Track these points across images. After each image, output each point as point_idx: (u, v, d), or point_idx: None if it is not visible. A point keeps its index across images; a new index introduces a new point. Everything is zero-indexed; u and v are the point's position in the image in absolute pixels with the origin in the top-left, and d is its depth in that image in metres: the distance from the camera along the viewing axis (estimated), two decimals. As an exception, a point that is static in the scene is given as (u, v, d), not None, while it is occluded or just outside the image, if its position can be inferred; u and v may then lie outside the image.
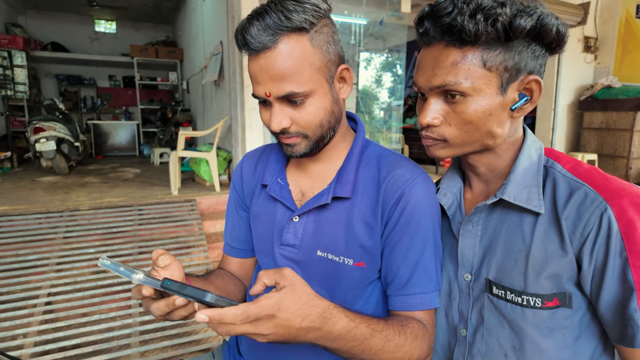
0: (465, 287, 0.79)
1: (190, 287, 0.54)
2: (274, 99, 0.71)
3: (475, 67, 0.66)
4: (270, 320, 0.55)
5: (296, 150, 0.77)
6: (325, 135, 0.78)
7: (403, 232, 0.75)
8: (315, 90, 0.72)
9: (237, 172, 0.98)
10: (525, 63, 0.68)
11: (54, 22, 8.26)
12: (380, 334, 0.65)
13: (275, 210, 0.86)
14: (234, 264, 0.97)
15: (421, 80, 0.72)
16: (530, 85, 0.69)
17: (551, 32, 0.65)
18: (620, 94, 4.49)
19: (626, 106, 4.38)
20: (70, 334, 2.20)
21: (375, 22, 4.87)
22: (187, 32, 7.34)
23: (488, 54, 0.66)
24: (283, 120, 0.73)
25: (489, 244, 0.76)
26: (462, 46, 0.66)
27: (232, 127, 4.33)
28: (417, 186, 0.76)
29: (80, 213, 3.25)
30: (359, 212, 0.78)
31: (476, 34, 0.63)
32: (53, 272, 2.62)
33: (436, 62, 0.69)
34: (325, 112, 0.74)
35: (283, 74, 0.68)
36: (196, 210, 3.56)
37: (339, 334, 0.61)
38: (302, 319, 0.57)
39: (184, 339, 2.25)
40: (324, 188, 0.82)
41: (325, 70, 0.73)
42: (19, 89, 6.47)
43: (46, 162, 4.97)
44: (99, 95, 9.03)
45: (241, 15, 3.79)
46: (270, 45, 0.67)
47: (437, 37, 0.69)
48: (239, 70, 3.95)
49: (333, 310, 0.61)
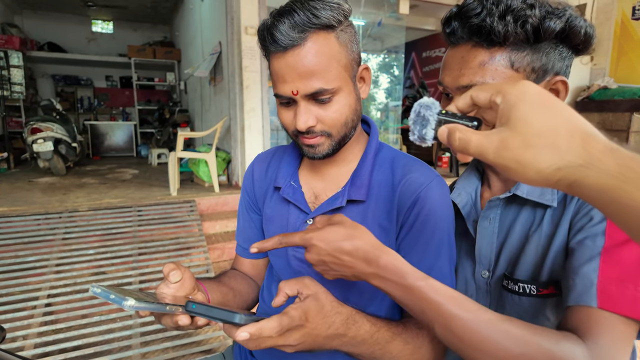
0: (483, 284, 0.79)
1: (216, 309, 0.51)
2: (301, 97, 0.71)
3: (503, 67, 0.66)
4: (299, 330, 0.55)
5: (319, 151, 0.76)
6: (348, 135, 0.77)
7: (418, 236, 0.75)
8: (342, 87, 0.72)
9: (248, 175, 0.98)
10: (553, 64, 0.68)
11: (50, 22, 8.22)
12: (399, 337, 0.66)
13: (289, 213, 0.86)
14: (246, 264, 0.97)
15: (447, 79, 0.73)
16: (556, 86, 0.69)
17: (579, 34, 0.65)
18: (616, 95, 4.52)
19: (622, 107, 4.41)
20: (70, 335, 2.18)
21: (374, 23, 4.88)
22: (185, 32, 7.32)
23: (516, 55, 0.66)
24: (309, 119, 0.72)
25: (504, 239, 0.76)
26: (490, 47, 0.66)
27: (231, 128, 4.33)
28: (432, 190, 0.76)
29: (79, 214, 3.24)
30: (373, 216, 0.78)
31: (505, 35, 0.64)
32: (52, 273, 2.61)
33: (464, 62, 0.69)
34: (350, 110, 0.75)
35: (312, 71, 0.68)
36: (196, 211, 3.56)
37: (363, 339, 0.62)
38: (328, 326, 0.57)
39: (185, 340, 2.25)
40: (337, 191, 0.82)
41: (350, 68, 0.74)
42: (16, 90, 6.43)
43: (43, 163, 4.94)
44: (96, 96, 8.99)
45: (240, 16, 3.79)
46: (300, 42, 0.68)
47: (464, 37, 0.69)
48: (238, 71, 3.95)
49: (356, 316, 0.62)
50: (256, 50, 3.88)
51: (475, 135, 0.41)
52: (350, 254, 0.60)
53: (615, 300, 0.57)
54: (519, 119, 0.38)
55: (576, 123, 0.37)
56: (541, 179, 0.37)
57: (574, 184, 0.36)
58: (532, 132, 0.37)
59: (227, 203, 3.88)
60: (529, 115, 0.38)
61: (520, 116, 0.38)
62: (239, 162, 4.21)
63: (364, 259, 0.61)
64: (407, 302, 0.61)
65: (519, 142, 0.37)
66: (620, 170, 0.33)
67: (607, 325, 0.56)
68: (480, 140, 0.40)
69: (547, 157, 0.36)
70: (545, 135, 0.37)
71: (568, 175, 0.36)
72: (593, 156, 0.35)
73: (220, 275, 0.90)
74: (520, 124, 0.38)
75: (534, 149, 0.37)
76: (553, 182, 0.37)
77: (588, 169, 0.35)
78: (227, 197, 3.90)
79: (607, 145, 0.35)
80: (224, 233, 3.54)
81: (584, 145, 0.35)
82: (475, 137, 0.41)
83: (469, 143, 0.41)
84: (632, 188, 0.32)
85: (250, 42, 3.83)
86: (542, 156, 0.36)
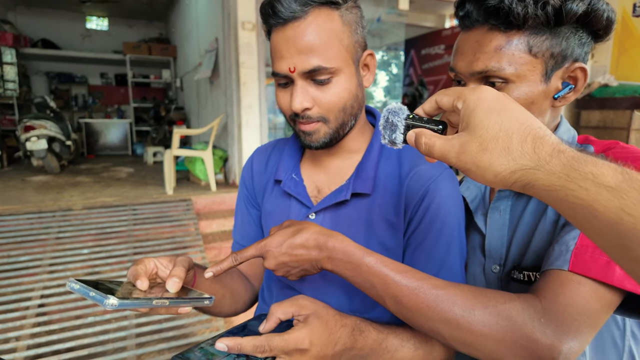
0: (494, 279, 0.76)
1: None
2: (298, 74, 0.67)
3: (520, 52, 0.63)
4: (303, 354, 0.54)
5: (315, 139, 0.73)
6: (347, 123, 0.74)
7: (427, 232, 0.71)
8: (342, 69, 0.69)
9: (247, 168, 0.94)
10: (572, 50, 0.64)
11: (44, 18, 8.12)
12: (408, 343, 0.63)
13: (290, 207, 0.82)
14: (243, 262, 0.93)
15: (461, 65, 0.69)
16: (575, 73, 0.66)
17: (602, 18, 0.62)
18: (617, 92, 4.50)
19: (623, 105, 4.39)
20: (64, 337, 2.15)
21: (373, 20, 4.84)
22: (181, 28, 7.26)
23: (535, 39, 0.63)
24: (305, 100, 0.68)
25: (514, 232, 0.74)
26: (508, 30, 0.63)
27: (228, 125, 4.28)
28: (442, 183, 0.72)
29: (73, 213, 3.19)
30: (379, 210, 0.75)
31: (524, 17, 0.60)
32: (46, 273, 2.57)
33: (478, 46, 0.66)
34: (349, 95, 0.71)
35: (311, 46, 0.65)
36: (192, 210, 3.51)
37: (371, 349, 0.60)
38: (334, 344, 0.56)
39: (181, 341, 2.21)
40: (341, 184, 0.78)
41: (353, 50, 0.70)
42: (9, 87, 6.37)
43: (37, 161, 4.88)
44: (91, 93, 8.91)
45: (237, 11, 3.74)
46: (301, 15, 0.65)
47: (480, 20, 0.65)
48: (235, 68, 3.90)
49: (361, 325, 0.60)
50: (253, 47, 3.84)
51: (439, 140, 0.44)
52: (302, 246, 0.62)
53: (588, 264, 0.55)
54: (476, 125, 0.41)
55: (529, 126, 0.39)
56: (498, 181, 0.40)
57: (527, 186, 0.39)
58: (489, 137, 0.40)
59: (224, 202, 3.83)
60: (485, 120, 0.40)
61: (478, 122, 0.41)
62: (236, 160, 4.16)
63: (315, 247, 0.62)
64: (358, 280, 0.61)
65: (477, 146, 0.40)
66: (564, 171, 0.36)
67: (571, 287, 0.54)
68: (443, 144, 0.43)
69: (502, 160, 0.39)
70: (501, 139, 0.39)
71: (522, 178, 0.38)
72: (542, 159, 0.37)
73: None
74: (477, 129, 0.41)
75: (490, 153, 0.39)
76: (509, 184, 0.40)
77: (538, 171, 0.37)
78: (224, 196, 3.85)
79: (555, 147, 0.37)
80: (220, 232, 3.50)
81: (535, 148, 0.38)
82: (439, 142, 0.44)
83: (433, 147, 0.44)
84: (576, 187, 0.35)
85: (247, 38, 3.78)
86: (498, 160, 0.39)
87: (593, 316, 0.53)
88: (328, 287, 0.78)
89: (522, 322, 0.53)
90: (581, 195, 0.34)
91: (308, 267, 0.64)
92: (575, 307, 0.53)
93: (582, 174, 0.35)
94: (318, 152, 0.80)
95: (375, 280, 0.59)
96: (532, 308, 0.53)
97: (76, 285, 0.49)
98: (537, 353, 0.51)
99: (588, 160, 0.35)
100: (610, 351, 0.66)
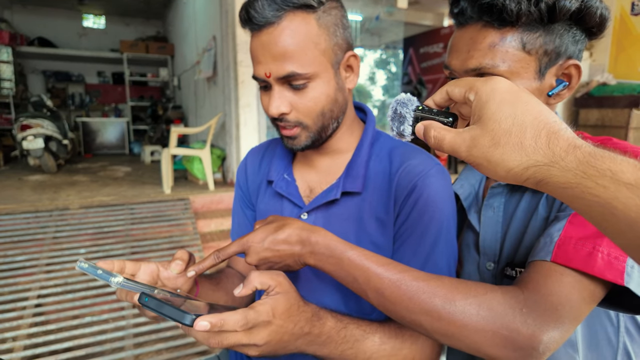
0: (489, 276, 0.77)
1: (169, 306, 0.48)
2: (274, 80, 0.68)
3: (514, 49, 0.63)
4: (266, 327, 0.53)
5: (297, 143, 0.73)
6: (327, 126, 0.74)
7: (414, 227, 0.71)
8: (318, 74, 0.68)
9: (242, 169, 0.95)
10: (566, 47, 0.65)
11: (40, 16, 8.08)
12: (373, 336, 0.63)
13: (282, 207, 0.82)
14: (241, 263, 0.93)
15: (455, 62, 0.69)
16: (569, 70, 0.66)
17: (595, 15, 0.62)
18: (615, 91, 4.51)
19: (621, 103, 4.40)
20: (61, 337, 2.13)
21: (371, 18, 4.83)
22: (179, 27, 7.23)
23: (528, 36, 0.63)
24: (282, 104, 0.69)
25: (507, 228, 0.74)
26: (501, 27, 0.63)
27: (226, 124, 4.27)
28: (431, 178, 0.71)
29: (70, 212, 3.17)
30: (370, 208, 0.75)
31: (518, 14, 0.60)
32: (42, 273, 2.55)
33: (472, 43, 0.66)
34: (327, 100, 0.70)
35: (285, 52, 0.65)
36: (190, 209, 3.50)
37: (328, 336, 0.59)
38: (293, 324, 0.56)
39: (179, 341, 2.20)
40: (332, 183, 0.78)
41: (331, 54, 0.69)
42: (5, 85, 6.34)
43: (34, 160, 4.85)
44: (88, 92, 8.86)
45: (235, 9, 3.72)
46: (274, 20, 0.65)
47: (474, 17, 0.65)
48: (233, 66, 3.88)
49: (320, 312, 0.60)
50: (251, 45, 3.82)
51: (449, 134, 0.43)
52: (285, 241, 0.63)
53: (570, 255, 0.55)
54: (489, 118, 0.39)
55: (543, 120, 0.38)
56: (511, 177, 0.39)
57: (541, 182, 0.37)
58: (501, 131, 0.38)
59: (222, 201, 3.82)
60: (497, 113, 0.39)
61: (490, 115, 0.39)
62: (234, 159, 4.14)
63: (298, 242, 0.63)
64: (341, 274, 0.62)
65: (489, 140, 0.39)
66: (580, 168, 0.34)
67: (553, 277, 0.54)
68: (454, 138, 0.42)
69: (515, 156, 0.37)
70: (513, 133, 0.38)
71: (536, 174, 0.37)
72: (557, 155, 0.36)
73: (218, 273, 0.86)
74: (490, 123, 0.39)
75: (503, 147, 0.38)
76: (522, 180, 0.38)
77: (553, 167, 0.36)
78: (222, 195, 3.83)
79: (570, 143, 0.36)
80: (219, 231, 3.49)
81: (549, 143, 0.36)
82: (449, 136, 0.42)
83: (443, 141, 0.43)
84: (593, 184, 0.33)
85: (245, 36, 3.75)
86: (511, 155, 0.38)
87: (575, 307, 0.53)
88: (323, 288, 0.77)
89: (502, 312, 0.53)
90: (598, 193, 0.33)
91: (291, 262, 0.64)
92: (557, 297, 0.53)
93: (600, 170, 0.33)
94: (308, 152, 0.81)
95: (357, 273, 0.60)
96: (514, 299, 0.53)
97: (85, 265, 0.53)
98: (517, 343, 0.52)
99: (605, 156, 0.34)
100: (605, 348, 0.66)
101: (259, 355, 0.55)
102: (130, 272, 0.62)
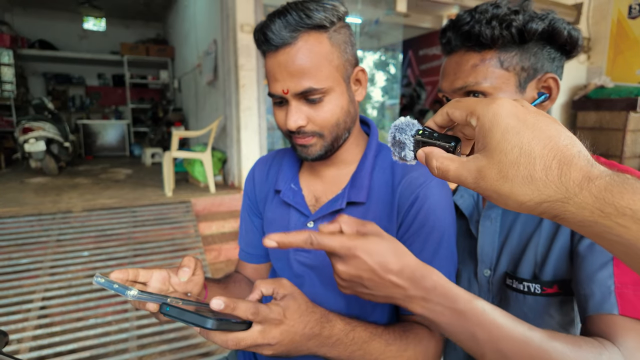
0: (485, 282, 0.82)
1: (190, 313, 0.50)
2: (292, 95, 0.72)
3: (494, 67, 0.72)
4: (278, 326, 0.55)
5: (311, 152, 0.77)
6: (341, 136, 0.78)
7: (416, 236, 0.74)
8: (333, 88, 0.73)
9: (250, 178, 0.98)
10: (542, 64, 0.73)
11: (41, 19, 8.10)
12: (379, 338, 0.65)
13: (289, 216, 0.85)
14: (249, 269, 0.97)
15: (445, 85, 0.78)
16: (548, 82, 0.74)
17: (563, 34, 0.70)
18: (612, 93, 4.55)
19: (619, 106, 4.44)
20: (65, 339, 2.16)
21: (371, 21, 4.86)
22: (179, 29, 7.25)
23: (505, 55, 0.72)
24: (299, 118, 0.73)
25: (505, 238, 0.79)
26: (481, 50, 0.73)
27: (226, 127, 4.29)
28: (431, 189, 0.75)
29: (72, 215, 3.19)
30: (374, 217, 0.78)
31: (492, 37, 0.70)
32: (47, 275, 2.57)
33: (458, 66, 0.75)
34: (342, 111, 0.75)
35: (302, 70, 0.70)
36: (191, 211, 3.52)
37: (337, 338, 0.61)
38: (304, 325, 0.57)
39: (183, 342, 2.22)
40: (338, 193, 0.81)
41: (343, 69, 0.75)
42: (6, 88, 6.35)
43: (35, 163, 4.87)
44: (88, 94, 8.87)
45: (236, 13, 3.75)
46: (291, 41, 0.69)
47: (458, 44, 0.75)
48: (234, 70, 3.91)
49: (329, 315, 0.62)
50: (252, 48, 3.84)
51: (452, 164, 0.40)
52: (397, 273, 0.53)
53: (635, 306, 0.58)
54: (494, 148, 0.36)
55: (554, 148, 0.34)
56: (524, 210, 0.36)
57: (557, 218, 0.34)
58: (508, 163, 0.35)
59: (223, 203, 3.84)
60: (502, 143, 0.36)
61: (495, 144, 0.36)
62: (235, 162, 4.17)
63: (410, 279, 0.54)
64: (456, 328, 0.54)
65: (496, 173, 0.36)
66: (597, 205, 0.31)
67: (632, 330, 0.57)
68: (458, 169, 0.39)
69: (525, 190, 0.34)
70: (522, 165, 0.34)
71: (549, 210, 0.34)
72: (570, 190, 0.33)
73: (226, 278, 0.90)
74: (495, 154, 0.36)
75: (512, 181, 0.35)
76: (537, 213, 0.36)
77: (567, 203, 0.33)
78: (223, 198, 3.86)
79: (585, 174, 0.32)
80: (220, 234, 3.51)
81: (561, 176, 0.33)
82: (453, 166, 0.40)
83: (448, 172, 0.40)
84: (612, 223, 0.30)
85: (246, 40, 3.79)
86: (521, 189, 0.35)
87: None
88: (326, 293, 0.81)
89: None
90: (620, 233, 0.30)
91: (381, 295, 0.56)
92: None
93: (619, 208, 0.30)
94: (315, 162, 0.84)
95: (478, 330, 0.52)
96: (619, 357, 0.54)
97: (102, 279, 0.55)
98: None
99: (624, 191, 0.30)
100: None
101: (273, 355, 0.57)
102: (143, 280, 0.64)
